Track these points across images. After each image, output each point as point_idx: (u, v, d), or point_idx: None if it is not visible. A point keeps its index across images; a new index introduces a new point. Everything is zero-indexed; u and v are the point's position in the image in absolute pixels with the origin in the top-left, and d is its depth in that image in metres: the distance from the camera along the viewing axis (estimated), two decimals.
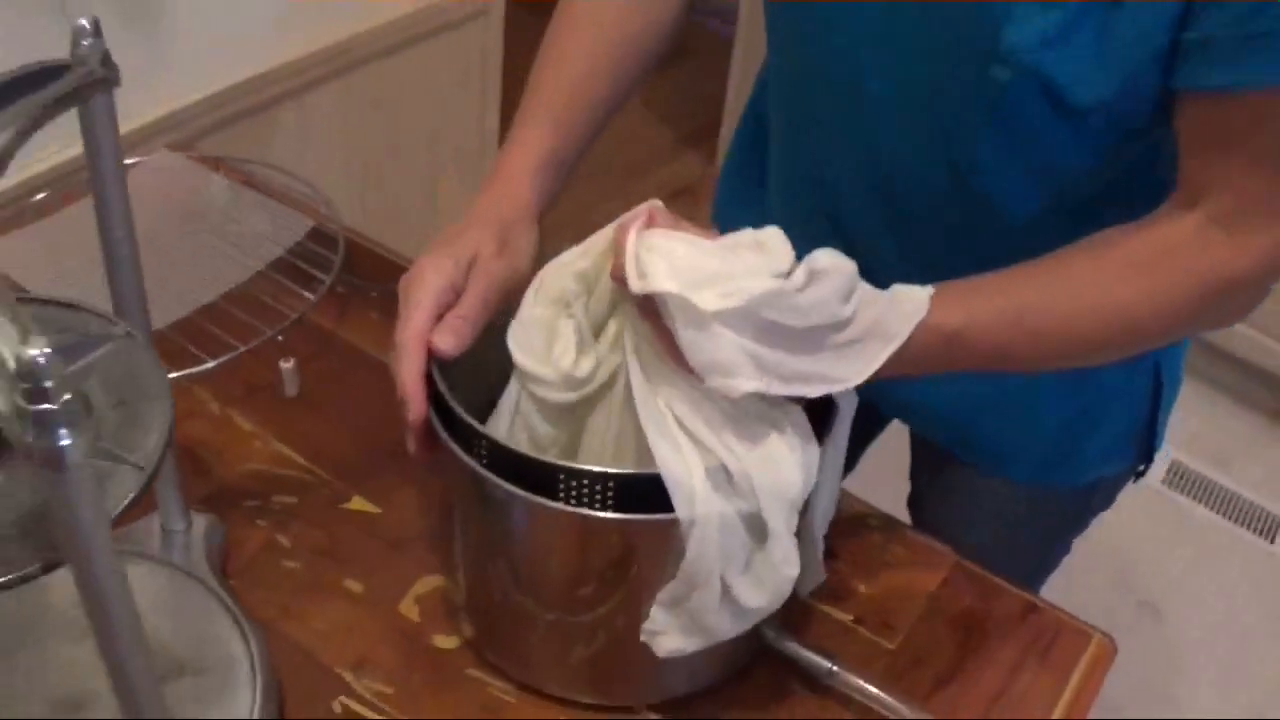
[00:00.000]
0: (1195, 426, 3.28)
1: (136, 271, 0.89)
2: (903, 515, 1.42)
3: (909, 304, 0.92)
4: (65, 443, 0.54)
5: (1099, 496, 1.44)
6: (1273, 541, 3.00)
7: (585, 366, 0.95)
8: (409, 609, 1.11)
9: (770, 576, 0.91)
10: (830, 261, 0.88)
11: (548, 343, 0.95)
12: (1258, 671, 2.70)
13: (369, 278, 1.45)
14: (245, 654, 1.00)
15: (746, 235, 0.91)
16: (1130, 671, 2.63)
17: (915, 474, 1.53)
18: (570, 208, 1.20)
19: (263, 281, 1.38)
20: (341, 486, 1.21)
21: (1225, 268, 0.98)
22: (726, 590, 0.91)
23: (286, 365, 1.29)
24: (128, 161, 1.23)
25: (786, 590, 0.93)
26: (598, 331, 0.97)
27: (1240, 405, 3.37)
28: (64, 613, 1.00)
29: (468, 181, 2.53)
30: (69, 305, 0.79)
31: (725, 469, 0.88)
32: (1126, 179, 1.07)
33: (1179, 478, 3.12)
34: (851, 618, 1.15)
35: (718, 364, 0.85)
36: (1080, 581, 2.71)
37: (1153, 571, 2.89)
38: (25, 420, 0.53)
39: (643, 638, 0.95)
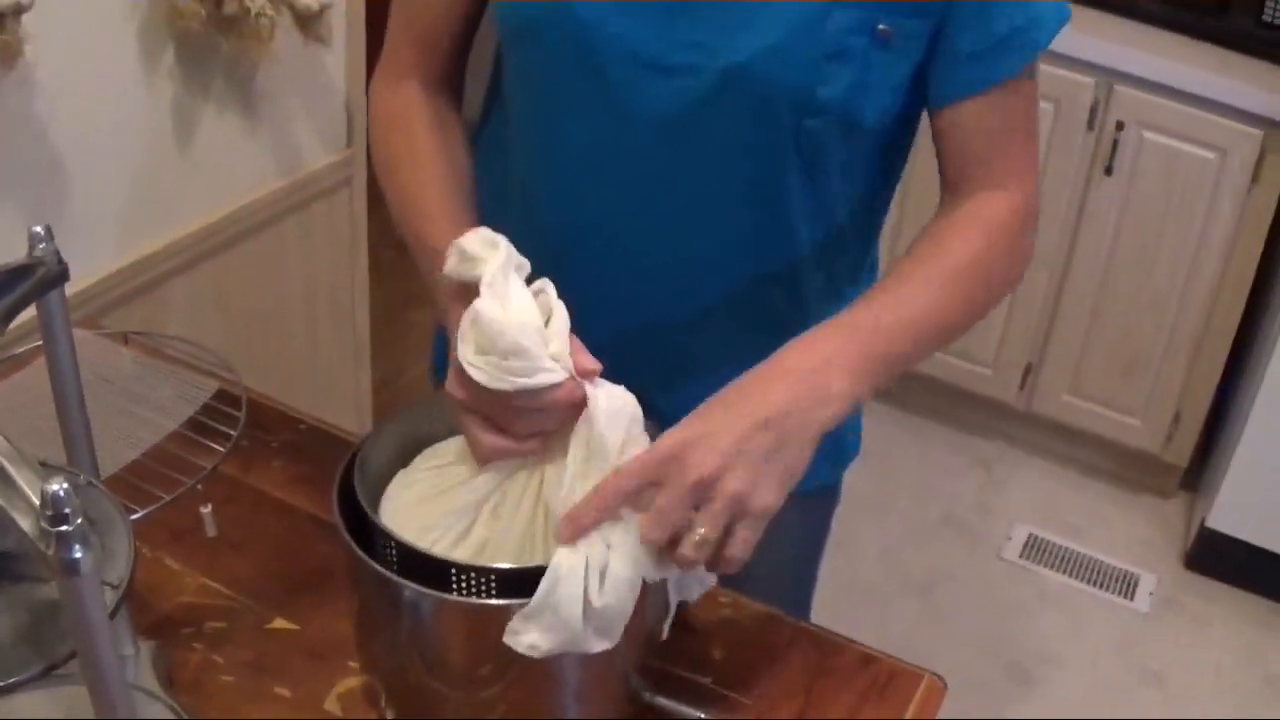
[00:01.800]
0: (1046, 501, 3.51)
1: (87, 432, 1.07)
2: None
3: None
4: (79, 555, 0.72)
5: (833, 494, 1.65)
6: (1131, 598, 3.22)
7: None
8: (332, 705, 1.27)
9: (611, 580, 1.05)
10: None
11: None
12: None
13: (268, 430, 1.62)
14: None
15: None
16: None
17: None
18: None
19: (176, 439, 1.54)
20: (264, 610, 1.37)
21: (1016, 212, 1.28)
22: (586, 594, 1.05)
23: (205, 510, 1.46)
24: (35, 344, 1.40)
25: (626, 594, 1.06)
26: None
27: (1086, 476, 3.61)
28: None
29: (343, 331, 2.70)
30: (42, 463, 0.97)
31: None
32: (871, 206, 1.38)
33: (1036, 550, 3.33)
34: (710, 680, 1.31)
35: None
36: (949, 652, 2.92)
37: (1019, 638, 3.08)
38: (48, 539, 0.72)
39: (505, 638, 1.06)
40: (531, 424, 1.11)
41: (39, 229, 0.98)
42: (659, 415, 1.14)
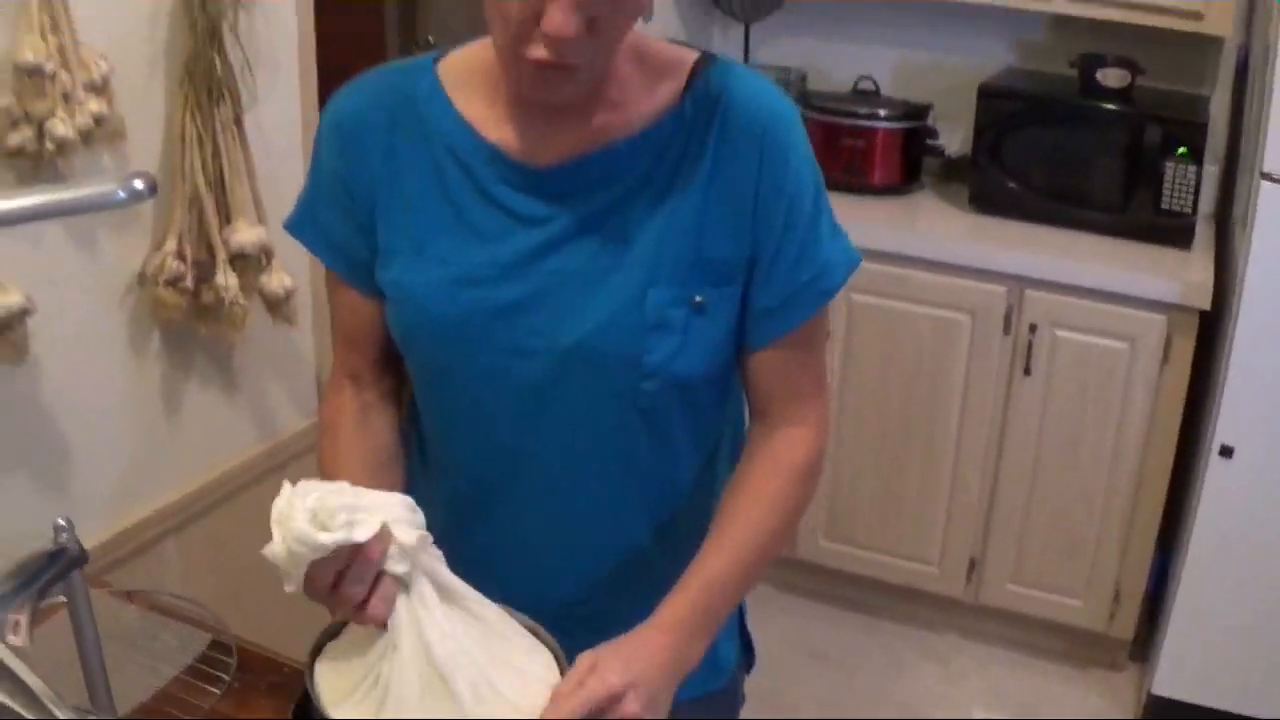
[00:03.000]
0: (1001, 687, 3.67)
1: (107, 684, 1.29)
2: None
3: None
4: None
5: (734, 694, 1.82)
6: None
7: None
8: None
9: None
10: None
11: None
12: None
13: (257, 673, 1.82)
14: None
15: None
16: None
17: None
18: None
19: (177, 683, 1.76)
20: None
21: (812, 453, 1.55)
22: None
23: None
24: (59, 599, 1.62)
25: None
26: None
27: (1037, 658, 3.77)
28: None
29: None
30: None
31: None
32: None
33: None
34: None
35: None
36: None
37: None
38: None
39: None
40: (356, 583, 1.31)
41: (62, 521, 1.21)
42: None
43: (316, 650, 1.40)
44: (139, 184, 1.26)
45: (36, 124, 1.92)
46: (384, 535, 1.28)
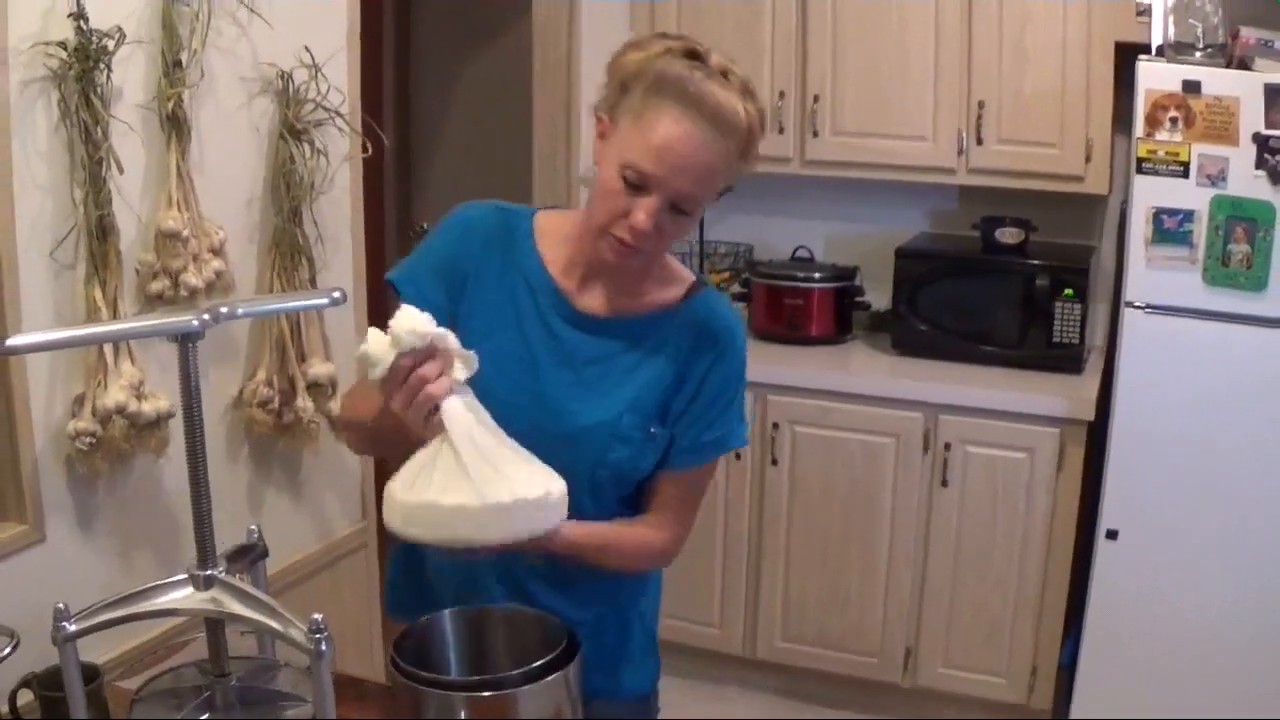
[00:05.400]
0: None
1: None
2: None
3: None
4: (325, 648, 1.54)
5: (653, 706, 2.34)
6: None
7: None
8: None
9: None
10: None
11: None
12: None
13: (345, 685, 2.23)
14: None
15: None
16: None
17: None
18: None
19: None
20: None
21: (660, 549, 2.10)
22: None
23: None
24: None
25: None
26: None
27: None
28: None
29: (363, 662, 3.40)
30: None
31: None
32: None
33: None
34: None
35: None
36: None
37: None
38: (314, 641, 1.53)
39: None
40: (434, 367, 1.76)
41: (253, 527, 1.83)
42: None
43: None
44: (337, 294, 1.90)
45: (173, 276, 2.54)
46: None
